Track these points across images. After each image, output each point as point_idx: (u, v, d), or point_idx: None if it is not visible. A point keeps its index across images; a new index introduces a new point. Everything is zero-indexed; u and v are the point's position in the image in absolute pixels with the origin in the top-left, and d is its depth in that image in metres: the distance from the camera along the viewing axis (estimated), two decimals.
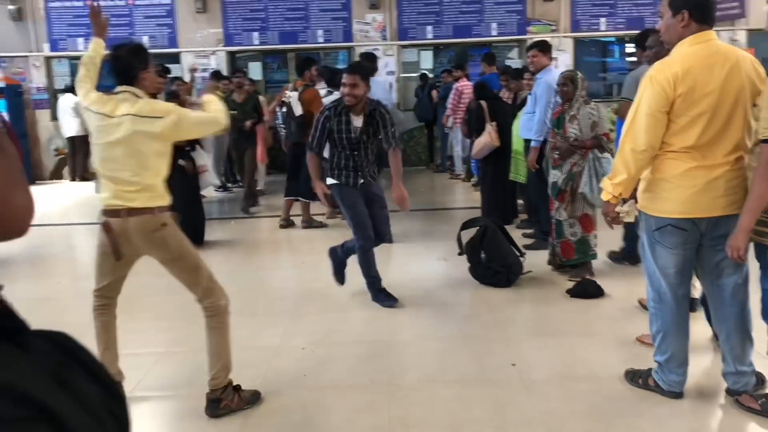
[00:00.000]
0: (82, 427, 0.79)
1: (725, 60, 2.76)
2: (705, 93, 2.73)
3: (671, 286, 2.98)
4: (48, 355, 0.83)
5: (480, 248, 4.95)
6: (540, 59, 5.67)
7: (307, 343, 3.98)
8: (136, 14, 12.17)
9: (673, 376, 3.07)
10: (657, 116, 2.78)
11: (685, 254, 2.92)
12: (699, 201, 2.80)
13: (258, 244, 6.86)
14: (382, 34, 12.20)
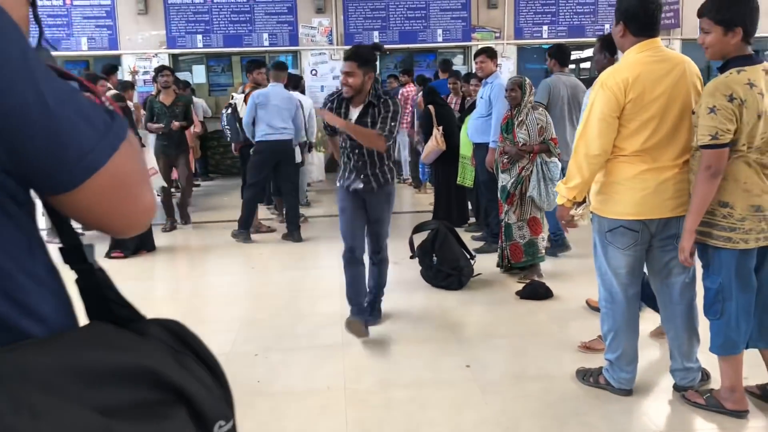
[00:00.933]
0: (210, 408, 0.86)
1: (673, 66, 2.86)
2: (653, 98, 2.83)
3: (622, 285, 3.06)
4: (165, 341, 0.88)
5: (432, 251, 4.99)
6: (488, 65, 5.82)
7: (260, 349, 3.93)
8: (75, 15, 11.81)
9: (623, 373, 3.15)
10: (608, 121, 2.86)
11: (635, 255, 3.01)
12: (649, 203, 2.89)
13: (206, 249, 6.74)
14: (329, 38, 12.18)
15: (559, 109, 5.56)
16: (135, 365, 0.80)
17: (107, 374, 0.77)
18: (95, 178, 0.80)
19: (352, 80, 3.67)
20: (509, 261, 5.17)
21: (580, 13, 12.33)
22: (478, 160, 6.05)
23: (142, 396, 0.79)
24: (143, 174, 0.90)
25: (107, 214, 0.86)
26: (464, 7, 12.20)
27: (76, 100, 0.81)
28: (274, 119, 6.54)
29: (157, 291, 5.36)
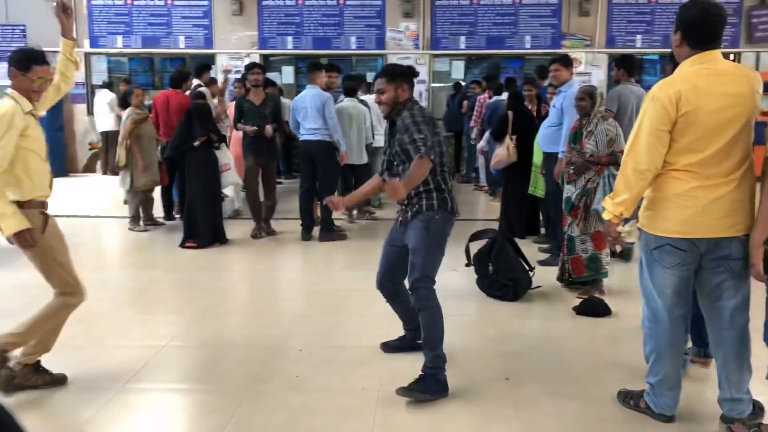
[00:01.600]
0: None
1: (732, 80, 2.75)
2: (708, 112, 2.71)
3: (667, 306, 2.93)
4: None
5: (488, 260, 4.92)
6: (562, 73, 5.68)
7: (305, 345, 4.00)
8: (174, 14, 12.40)
9: (664, 398, 3.02)
10: (658, 135, 2.76)
11: (682, 275, 2.87)
12: (699, 221, 2.76)
13: (275, 245, 6.91)
14: (415, 42, 12.23)
15: (627, 118, 5.39)
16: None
17: None
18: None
19: (384, 97, 3.45)
20: (570, 275, 5.03)
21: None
22: (546, 169, 5.92)
23: None
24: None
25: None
26: (554, 13, 11.96)
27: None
28: (306, 120, 6.74)
29: (221, 282, 5.54)
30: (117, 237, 7.69)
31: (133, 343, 4.07)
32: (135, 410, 3.19)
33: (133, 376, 3.54)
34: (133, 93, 7.33)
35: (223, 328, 4.40)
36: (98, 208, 9.26)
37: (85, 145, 12.98)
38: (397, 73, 3.48)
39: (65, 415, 3.17)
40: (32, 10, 12.39)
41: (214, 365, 3.77)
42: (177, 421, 3.17)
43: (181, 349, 4.00)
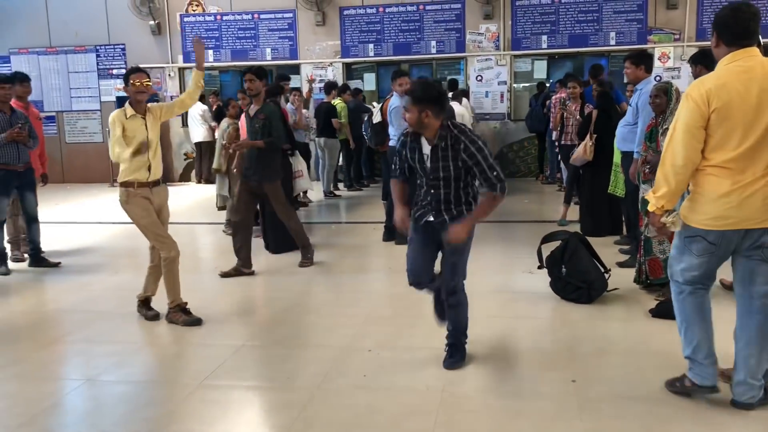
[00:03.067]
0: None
1: (763, 76, 2.83)
2: (739, 107, 2.81)
3: (691, 284, 3.11)
4: None
5: (561, 263, 4.87)
6: (633, 71, 5.56)
7: (375, 345, 4.11)
8: (261, 27, 12.87)
9: (703, 368, 3.10)
10: (693, 132, 2.88)
11: (710, 262, 3.03)
12: (733, 216, 2.88)
13: (353, 247, 7.07)
14: (495, 43, 12.16)
15: None
16: None
17: None
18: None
19: (408, 116, 3.49)
20: (647, 277, 4.90)
21: None
22: (624, 169, 5.79)
23: None
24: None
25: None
26: (640, 8, 11.59)
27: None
28: (391, 127, 6.89)
29: (300, 285, 5.73)
30: (207, 241, 8.09)
31: (214, 343, 4.30)
32: (210, 405, 3.38)
33: (211, 374, 3.76)
34: (230, 104, 7.70)
35: (297, 328, 4.57)
36: (193, 215, 9.75)
37: (181, 155, 13.67)
38: (424, 98, 3.41)
39: (147, 408, 3.40)
40: (131, 30, 13.21)
41: (287, 364, 3.93)
42: (248, 417, 3.34)
43: (256, 349, 4.20)
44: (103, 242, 7.76)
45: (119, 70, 13.37)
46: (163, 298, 4.70)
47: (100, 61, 13.53)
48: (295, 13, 12.72)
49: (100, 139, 13.58)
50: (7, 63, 13.57)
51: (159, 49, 13.23)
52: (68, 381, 3.83)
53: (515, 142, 12.39)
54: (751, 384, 3.02)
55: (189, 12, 13.11)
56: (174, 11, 13.11)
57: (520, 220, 8.28)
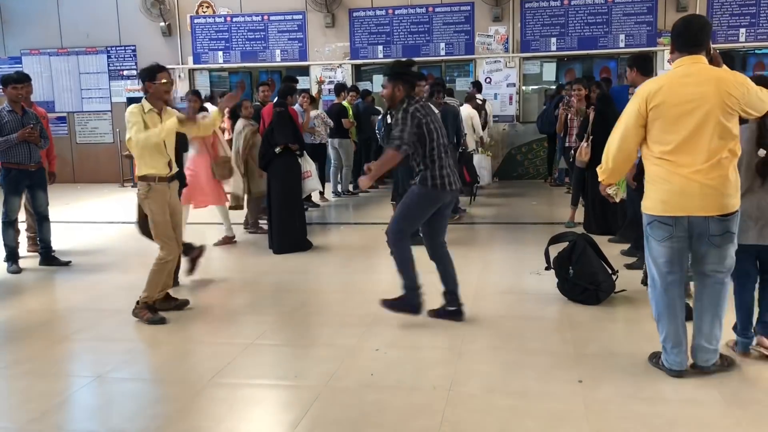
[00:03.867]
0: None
1: (700, 80, 3.22)
2: (673, 107, 3.22)
3: (661, 273, 3.42)
4: None
5: (568, 264, 4.88)
6: (630, 75, 5.58)
7: (382, 344, 4.13)
8: (271, 29, 12.93)
9: (671, 356, 3.47)
10: (631, 123, 3.36)
11: (673, 246, 3.35)
12: (676, 201, 3.26)
13: (361, 248, 7.10)
14: (504, 46, 12.17)
15: None
16: None
17: None
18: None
19: (384, 92, 4.32)
20: None
21: None
22: None
23: None
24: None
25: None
26: (650, 10, 11.59)
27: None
28: None
29: (307, 284, 5.76)
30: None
31: (223, 341, 4.34)
32: (219, 403, 3.41)
33: (220, 371, 3.79)
34: (242, 105, 7.70)
35: (307, 327, 4.60)
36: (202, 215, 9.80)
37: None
38: (395, 73, 4.28)
39: (156, 405, 3.44)
40: (142, 32, 13.30)
41: (295, 363, 3.96)
42: (256, 414, 3.37)
43: (265, 347, 4.23)
44: (113, 242, 7.82)
45: (130, 71, 13.47)
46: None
47: (111, 62, 13.63)
48: (305, 14, 12.78)
49: (111, 139, 13.68)
50: (19, 63, 13.68)
51: (169, 50, 13.32)
52: (78, 378, 3.88)
53: (524, 145, 12.39)
54: (706, 348, 3.44)
55: (199, 13, 13.19)
56: (184, 13, 13.20)
57: (529, 222, 8.29)
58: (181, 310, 4.89)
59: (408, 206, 4.39)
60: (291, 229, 6.74)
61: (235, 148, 7.55)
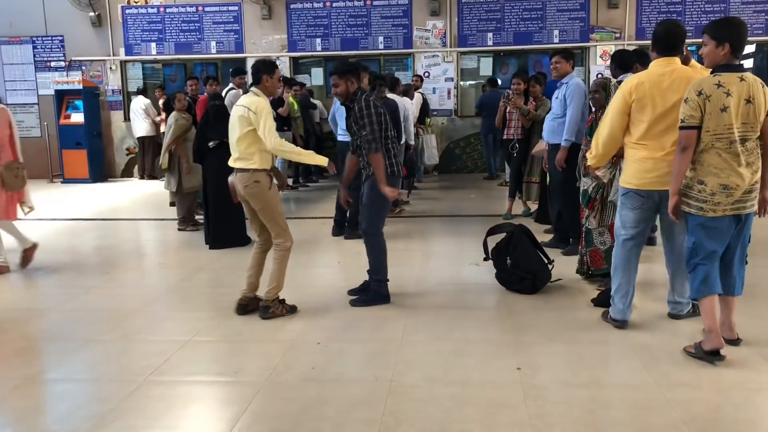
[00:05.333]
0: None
1: (672, 79, 3.79)
2: (650, 100, 3.80)
3: (626, 233, 4.07)
4: None
5: (505, 254, 4.96)
6: (563, 66, 5.85)
7: (323, 338, 4.11)
8: (206, 20, 12.67)
9: (618, 305, 4.11)
10: (617, 112, 3.94)
11: (641, 214, 3.99)
12: (647, 178, 3.88)
13: (302, 243, 7.03)
14: (442, 40, 12.27)
15: None
16: None
17: None
18: None
19: (337, 90, 4.55)
20: (588, 267, 5.04)
21: (710, 12, 11.63)
22: (550, 160, 5.97)
23: None
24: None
25: None
26: (583, 7, 11.88)
27: None
28: (341, 121, 7.00)
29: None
30: (151, 238, 7.93)
31: (159, 339, 4.23)
32: (156, 401, 3.32)
33: (156, 369, 3.69)
34: (176, 97, 7.51)
35: (245, 323, 4.53)
36: (136, 211, 9.55)
37: (123, 151, 13.35)
38: (344, 70, 4.54)
39: (90, 405, 3.32)
40: (70, 22, 12.82)
41: (234, 359, 3.90)
42: (194, 411, 3.30)
43: (203, 344, 4.14)
44: (45, 240, 7.52)
45: (58, 62, 12.98)
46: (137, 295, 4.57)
47: (37, 53, 13.09)
48: (241, 5, 12.58)
49: (38, 133, 13.14)
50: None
51: (100, 41, 12.89)
52: (6, 380, 3.71)
53: (462, 139, 12.53)
54: (679, 301, 4.24)
55: (131, 4, 12.80)
56: (115, 2, 12.80)
57: (467, 215, 8.39)
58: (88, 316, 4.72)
59: (375, 201, 4.61)
60: (228, 224, 6.63)
61: (166, 141, 7.38)
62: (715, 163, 3.49)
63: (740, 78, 3.46)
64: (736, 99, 3.44)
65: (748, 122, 3.48)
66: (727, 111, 3.43)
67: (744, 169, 3.48)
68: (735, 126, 3.45)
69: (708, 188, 3.51)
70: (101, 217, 8.96)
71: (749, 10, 11.60)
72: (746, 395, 3.22)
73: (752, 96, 3.46)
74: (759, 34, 11.69)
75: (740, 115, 3.46)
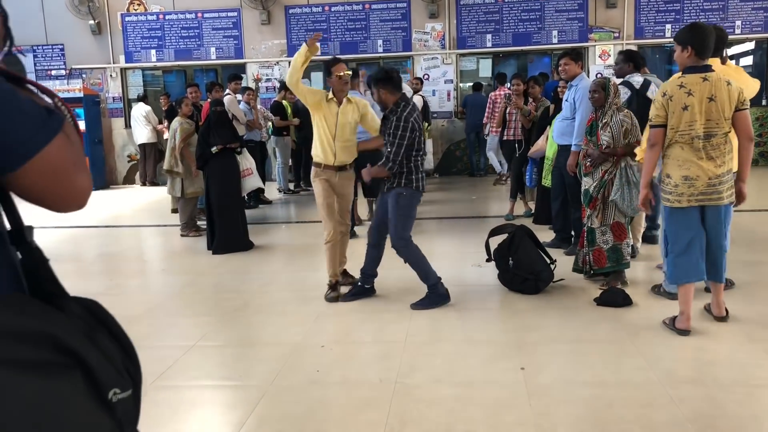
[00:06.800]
0: (106, 376, 1.00)
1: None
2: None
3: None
4: (81, 316, 1.03)
5: (508, 255, 4.97)
6: (572, 67, 5.75)
7: (327, 341, 4.12)
8: (205, 26, 12.71)
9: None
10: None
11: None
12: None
13: (304, 247, 7.06)
14: (441, 42, 12.30)
15: None
16: (38, 330, 0.94)
17: (8, 333, 0.91)
18: (31, 163, 0.99)
19: (374, 98, 4.70)
20: (591, 267, 5.05)
21: (708, 9, 11.64)
22: (560, 162, 5.96)
23: (43, 357, 0.93)
24: (76, 161, 1.07)
25: (45, 193, 1.04)
26: (581, 7, 11.91)
27: (13, 102, 1.00)
28: None
29: (249, 284, 5.68)
30: (154, 244, 7.96)
31: (164, 344, 4.25)
32: (162, 406, 3.34)
33: (162, 374, 3.71)
34: (183, 102, 7.54)
35: (249, 327, 4.55)
36: (138, 218, 9.57)
37: (124, 158, 13.39)
38: (377, 78, 4.59)
39: None
40: (70, 30, 12.87)
41: (239, 363, 3.91)
42: (200, 416, 3.31)
43: (208, 349, 4.16)
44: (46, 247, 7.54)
45: (58, 71, 13.02)
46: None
47: (37, 61, 13.14)
48: (240, 12, 12.62)
49: None
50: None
51: (100, 49, 12.94)
52: None
53: (462, 140, 12.55)
54: None
55: (130, 11, 12.85)
56: (114, 10, 12.85)
57: (469, 216, 8.40)
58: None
59: (402, 212, 4.62)
60: (231, 229, 6.65)
61: (172, 145, 7.40)
62: (678, 156, 3.83)
63: (703, 78, 3.79)
64: (698, 97, 3.75)
65: (712, 119, 3.77)
66: (689, 109, 3.76)
67: (705, 162, 3.77)
68: (698, 122, 3.76)
69: (673, 180, 3.85)
70: (104, 225, 8.99)
71: (747, 8, 11.62)
72: (749, 392, 3.23)
73: (714, 95, 3.76)
74: (758, 31, 11.69)
75: (704, 112, 3.76)
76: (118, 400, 1.01)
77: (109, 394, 1.00)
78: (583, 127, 5.30)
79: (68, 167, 1.04)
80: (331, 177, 4.91)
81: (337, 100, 4.87)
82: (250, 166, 6.86)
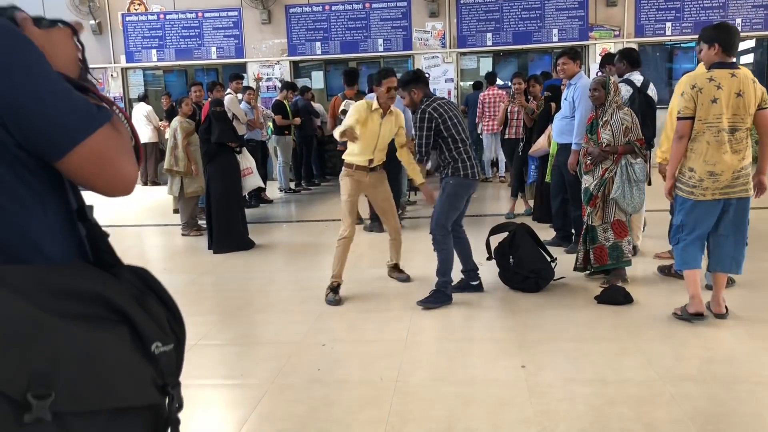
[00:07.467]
0: (149, 332, 1.15)
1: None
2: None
3: None
4: (132, 282, 1.20)
5: (508, 253, 4.98)
6: (570, 66, 5.78)
7: (328, 339, 4.13)
8: (206, 26, 12.72)
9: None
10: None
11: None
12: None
13: (305, 246, 7.07)
14: (442, 41, 12.30)
15: None
16: (92, 290, 1.10)
17: (68, 292, 1.07)
18: (78, 150, 1.11)
19: (405, 102, 4.72)
20: (592, 264, 5.05)
21: (708, 7, 11.63)
22: (560, 160, 5.97)
23: (96, 312, 1.09)
24: (123, 150, 1.19)
25: (92, 177, 1.17)
26: (581, 5, 11.90)
27: (67, 96, 1.11)
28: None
29: (250, 283, 5.69)
30: (155, 244, 7.97)
31: None
32: None
33: None
34: (184, 101, 7.55)
35: (251, 326, 4.56)
36: (140, 217, 9.58)
37: None
38: (404, 81, 4.66)
39: None
40: None
41: (241, 361, 3.92)
42: (202, 415, 3.32)
43: (209, 348, 4.17)
44: None
45: None
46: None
47: None
48: (240, 11, 12.62)
49: None
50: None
51: (100, 49, 12.95)
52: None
53: None
54: None
55: (131, 11, 12.86)
56: (115, 10, 12.85)
57: (470, 215, 8.37)
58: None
59: (445, 202, 4.66)
60: (231, 228, 6.66)
61: (172, 144, 7.39)
62: (702, 151, 3.93)
63: (731, 74, 3.90)
64: (726, 92, 3.87)
65: (738, 114, 3.90)
66: (717, 102, 3.87)
67: (729, 156, 3.89)
68: (725, 116, 3.88)
69: (697, 175, 3.96)
70: (105, 224, 8.92)
71: (748, 5, 11.61)
72: (750, 389, 3.23)
73: (742, 90, 3.88)
74: (758, 29, 11.68)
75: (731, 106, 3.89)
76: (160, 353, 1.16)
77: (152, 347, 1.15)
78: (583, 126, 5.30)
79: (113, 155, 1.16)
80: (362, 177, 5.01)
81: (382, 110, 4.93)
82: (250, 165, 6.88)
